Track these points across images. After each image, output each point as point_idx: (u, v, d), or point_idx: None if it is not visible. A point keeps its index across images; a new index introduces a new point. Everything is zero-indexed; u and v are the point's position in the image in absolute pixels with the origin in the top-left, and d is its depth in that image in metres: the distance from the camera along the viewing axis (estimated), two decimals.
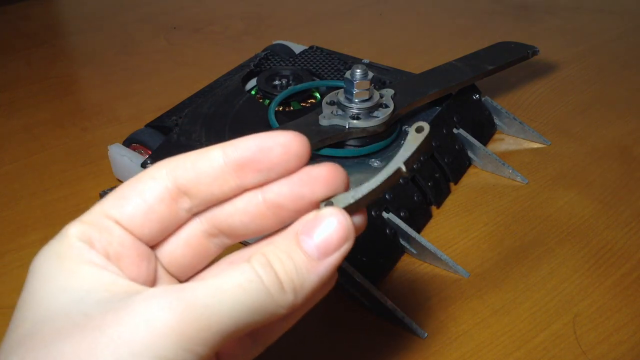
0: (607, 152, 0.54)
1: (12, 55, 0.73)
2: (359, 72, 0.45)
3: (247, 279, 0.21)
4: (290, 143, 0.24)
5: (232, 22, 0.81)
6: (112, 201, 0.24)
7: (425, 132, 0.24)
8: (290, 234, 0.23)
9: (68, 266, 0.22)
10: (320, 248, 0.23)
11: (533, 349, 0.37)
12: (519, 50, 0.58)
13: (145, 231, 0.24)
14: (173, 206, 0.24)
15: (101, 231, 0.23)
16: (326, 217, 0.23)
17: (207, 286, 0.21)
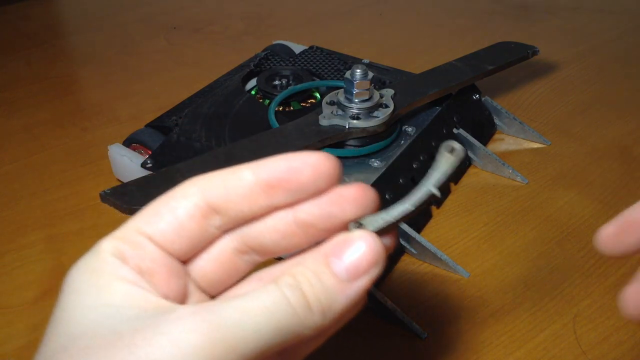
0: (607, 152, 0.54)
1: (12, 55, 0.73)
2: (359, 72, 0.45)
3: (274, 300, 0.21)
4: (320, 164, 0.24)
5: (232, 22, 0.81)
6: (144, 217, 0.24)
7: (458, 153, 0.24)
8: (320, 255, 0.24)
9: (101, 282, 0.22)
10: (350, 270, 0.23)
11: (533, 349, 0.37)
12: (519, 50, 0.58)
13: (176, 247, 0.24)
14: (204, 223, 0.24)
15: (134, 247, 0.23)
16: (356, 240, 0.23)
17: (234, 308, 0.21)
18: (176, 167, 0.41)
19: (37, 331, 0.39)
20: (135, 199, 0.38)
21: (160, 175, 0.41)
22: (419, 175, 0.46)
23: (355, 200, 0.24)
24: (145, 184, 0.40)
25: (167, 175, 0.41)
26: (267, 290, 0.22)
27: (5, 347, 0.38)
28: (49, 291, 0.42)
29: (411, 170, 0.46)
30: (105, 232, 0.49)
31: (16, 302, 0.41)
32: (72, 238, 0.46)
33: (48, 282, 0.43)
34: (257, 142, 0.44)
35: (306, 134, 0.45)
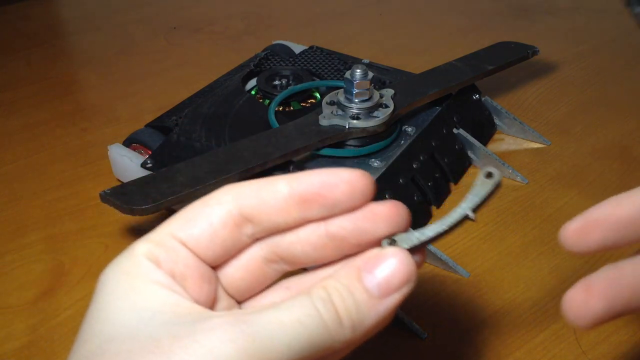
0: (607, 152, 0.54)
1: (12, 55, 0.73)
2: (359, 72, 0.45)
3: (307, 313, 0.22)
4: (356, 181, 0.24)
5: (232, 22, 0.81)
6: (178, 222, 0.24)
7: (496, 178, 0.24)
8: (352, 269, 0.24)
9: (136, 285, 0.23)
10: (382, 287, 0.23)
11: (533, 348, 0.37)
12: (519, 50, 0.58)
13: (209, 253, 0.24)
14: (236, 231, 0.25)
15: (168, 251, 0.24)
16: (389, 257, 0.24)
17: (267, 319, 0.21)
18: (176, 167, 0.41)
19: (37, 331, 0.39)
20: (135, 199, 0.38)
21: (160, 175, 0.41)
22: (419, 175, 0.46)
23: (388, 217, 0.24)
24: (145, 184, 0.40)
25: (167, 175, 0.41)
26: (300, 301, 0.22)
27: (5, 347, 0.38)
28: (49, 291, 0.42)
29: (411, 170, 0.46)
30: (106, 232, 0.50)
31: (16, 302, 0.41)
32: (72, 238, 0.46)
33: (48, 282, 0.43)
34: (257, 142, 0.44)
35: (306, 134, 0.45)
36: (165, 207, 0.40)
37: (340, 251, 0.25)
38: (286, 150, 0.43)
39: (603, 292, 0.24)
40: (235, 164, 0.41)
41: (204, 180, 0.40)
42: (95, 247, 0.45)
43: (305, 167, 0.44)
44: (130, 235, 0.46)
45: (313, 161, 0.46)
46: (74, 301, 0.41)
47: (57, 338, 0.39)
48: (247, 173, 0.41)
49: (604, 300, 0.24)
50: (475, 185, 0.24)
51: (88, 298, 0.41)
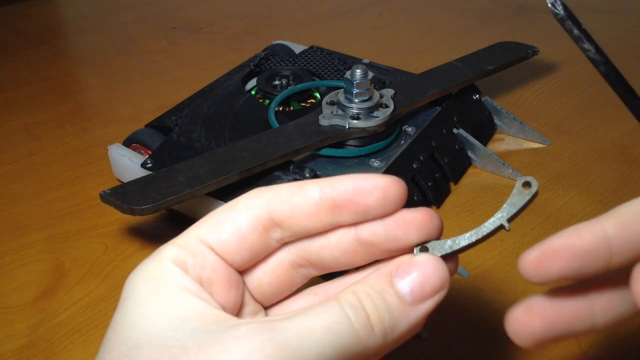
0: (607, 152, 0.54)
1: (12, 55, 0.73)
2: (359, 72, 0.45)
3: (336, 320, 0.21)
4: (389, 187, 0.24)
5: (232, 22, 0.81)
6: (206, 226, 0.24)
7: (533, 189, 0.24)
8: (384, 275, 0.23)
9: (163, 291, 0.22)
10: (415, 293, 0.23)
11: (533, 349, 0.37)
12: (519, 50, 0.58)
13: (237, 258, 0.24)
14: (265, 236, 0.24)
15: (195, 256, 0.23)
16: (423, 263, 0.23)
17: (297, 326, 0.21)
18: (176, 167, 0.41)
19: (37, 331, 0.39)
20: (135, 199, 0.38)
21: (160, 175, 0.41)
22: (419, 175, 0.46)
23: (421, 225, 0.24)
24: (145, 184, 0.40)
25: (167, 175, 0.41)
26: (329, 308, 0.22)
27: (5, 347, 0.38)
28: (49, 291, 0.42)
29: (411, 170, 0.46)
30: (106, 232, 0.50)
31: (16, 302, 0.41)
32: (72, 238, 0.46)
33: (48, 282, 0.43)
34: (258, 142, 0.44)
35: (306, 134, 0.45)
36: (165, 207, 0.40)
37: (370, 257, 0.25)
38: (286, 150, 0.43)
39: (543, 313, 0.24)
40: (235, 164, 0.41)
41: (204, 180, 0.40)
42: (95, 247, 0.45)
43: (305, 167, 0.44)
44: (130, 235, 0.46)
45: (313, 161, 0.46)
46: (74, 301, 0.41)
47: (57, 338, 0.39)
48: (247, 173, 0.41)
49: (543, 322, 0.24)
50: (512, 194, 0.24)
51: (88, 298, 0.41)
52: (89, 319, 0.40)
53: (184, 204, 0.42)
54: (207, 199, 0.43)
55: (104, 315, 0.40)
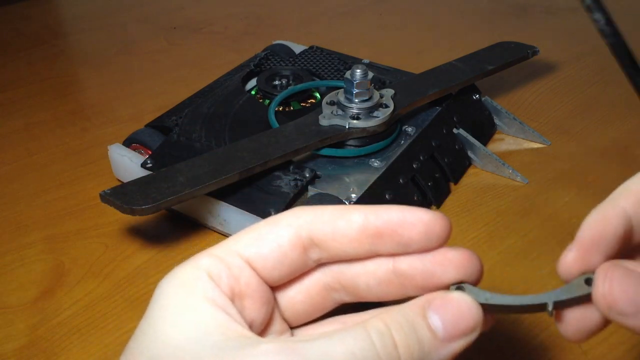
0: (607, 152, 0.54)
1: (12, 55, 0.73)
2: (359, 72, 0.45)
3: (361, 346, 0.21)
4: (434, 223, 0.23)
5: (232, 22, 0.81)
6: (247, 240, 0.24)
7: (592, 290, 0.23)
8: (417, 306, 0.23)
9: (190, 302, 0.22)
10: (448, 329, 0.22)
11: (533, 349, 0.37)
12: (519, 50, 0.58)
13: (274, 274, 0.24)
14: (303, 255, 0.24)
15: (231, 268, 0.23)
16: (459, 300, 0.23)
17: (319, 349, 0.20)
18: (176, 167, 0.41)
19: (37, 331, 0.39)
20: (135, 199, 0.38)
21: (160, 175, 0.41)
22: (419, 175, 0.46)
23: (461, 265, 0.24)
24: (145, 184, 0.40)
25: (167, 175, 0.41)
26: (354, 333, 0.21)
27: (5, 347, 0.38)
28: (49, 291, 0.42)
29: (411, 170, 0.46)
30: (106, 232, 0.50)
31: (16, 302, 0.41)
32: (72, 238, 0.46)
33: (48, 282, 0.43)
34: (257, 142, 0.44)
35: (306, 134, 0.45)
36: (165, 207, 0.40)
37: (403, 290, 0.25)
38: (286, 150, 0.43)
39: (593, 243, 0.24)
40: (235, 164, 0.41)
41: (204, 180, 0.40)
42: (95, 247, 0.45)
43: (305, 167, 0.44)
44: (130, 235, 0.46)
45: (313, 161, 0.46)
46: (74, 301, 0.41)
47: (57, 338, 0.39)
48: (247, 173, 0.41)
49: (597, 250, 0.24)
50: (573, 285, 0.24)
51: (88, 298, 0.41)
52: (89, 319, 0.40)
53: (184, 204, 0.42)
54: (207, 199, 0.43)
55: (104, 316, 0.40)
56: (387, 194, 0.43)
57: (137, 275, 0.43)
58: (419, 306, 0.23)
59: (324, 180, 0.45)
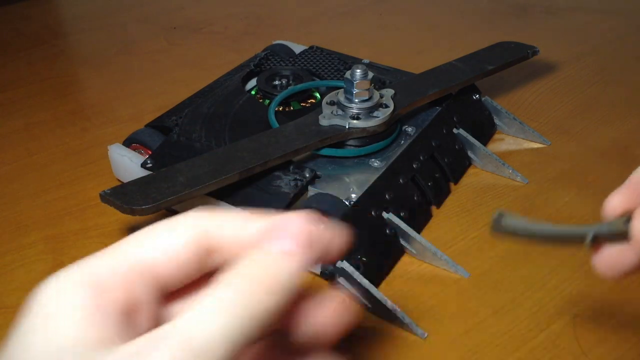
0: (607, 152, 0.54)
1: (12, 55, 0.73)
2: (359, 72, 0.45)
3: (221, 297, 0.20)
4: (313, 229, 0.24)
5: (232, 22, 0.81)
6: (141, 242, 0.23)
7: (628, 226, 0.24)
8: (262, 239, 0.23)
9: (59, 314, 0.21)
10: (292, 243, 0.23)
11: (533, 349, 0.37)
12: (519, 50, 0.58)
13: (169, 279, 0.23)
14: (203, 259, 0.23)
15: (119, 273, 0.22)
16: (293, 217, 0.23)
17: (186, 321, 0.20)
18: (176, 167, 0.41)
19: None
20: (136, 199, 0.38)
21: (160, 175, 0.41)
22: (419, 175, 0.46)
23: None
24: (145, 184, 0.40)
25: (167, 175, 0.41)
26: (215, 288, 0.21)
27: None
28: None
29: (411, 170, 0.46)
30: (106, 232, 0.49)
31: (16, 302, 0.41)
32: (72, 238, 0.46)
33: None
34: (257, 142, 0.44)
35: (306, 134, 0.45)
36: (165, 207, 0.40)
37: None
38: (286, 150, 0.43)
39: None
40: (235, 164, 0.41)
41: (204, 180, 0.40)
42: (95, 247, 0.45)
43: (305, 166, 0.44)
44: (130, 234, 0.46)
45: (313, 161, 0.46)
46: None
47: None
48: (247, 173, 0.41)
49: None
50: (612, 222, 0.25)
51: None
52: None
53: (184, 204, 0.42)
54: (207, 199, 0.43)
55: None
56: (387, 193, 0.43)
57: None
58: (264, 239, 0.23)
59: (324, 180, 0.45)
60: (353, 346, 0.38)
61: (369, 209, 0.42)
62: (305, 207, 0.42)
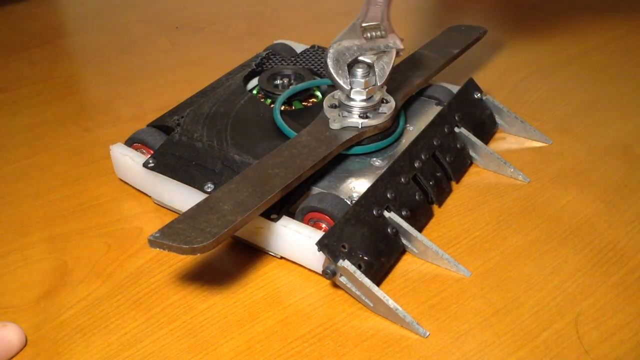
0: (609, 151, 0.54)
1: (15, 55, 0.73)
2: (360, 71, 0.46)
3: None
4: None
5: (233, 22, 0.81)
6: None
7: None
8: None
9: None
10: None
11: (535, 348, 0.37)
12: (472, 32, 0.60)
13: None
14: None
15: None
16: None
17: None
18: (213, 196, 0.39)
19: (39, 331, 0.39)
20: (191, 236, 0.35)
21: (202, 208, 0.38)
22: (421, 174, 0.46)
23: None
24: (192, 219, 0.37)
25: (208, 206, 0.38)
26: None
27: None
28: (52, 291, 0.42)
29: (413, 169, 0.46)
30: (108, 232, 0.50)
31: (18, 301, 0.41)
32: (75, 238, 0.46)
33: (51, 281, 0.43)
34: (282, 157, 0.43)
35: (324, 141, 0.44)
36: (224, 239, 0.36)
37: None
38: (315, 160, 0.42)
39: None
40: (273, 183, 0.40)
41: (251, 205, 0.38)
42: (97, 246, 0.46)
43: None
44: (132, 235, 0.46)
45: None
46: (76, 301, 0.41)
47: (60, 337, 0.39)
48: (287, 190, 0.40)
49: None
50: None
51: (91, 298, 0.42)
52: (92, 319, 0.40)
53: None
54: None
55: (107, 315, 0.40)
56: (389, 192, 0.43)
57: (139, 274, 0.43)
58: None
59: (326, 180, 0.45)
60: (354, 345, 0.38)
61: (371, 207, 0.42)
62: (307, 206, 0.42)
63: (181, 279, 0.43)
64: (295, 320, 0.40)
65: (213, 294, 0.42)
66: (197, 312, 0.40)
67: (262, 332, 0.39)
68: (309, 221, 0.43)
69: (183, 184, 0.45)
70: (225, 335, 0.39)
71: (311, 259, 0.41)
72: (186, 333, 0.39)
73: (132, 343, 0.38)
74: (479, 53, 0.70)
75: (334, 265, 0.39)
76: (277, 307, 0.40)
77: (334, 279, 0.40)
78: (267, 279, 0.43)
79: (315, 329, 0.39)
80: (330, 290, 0.42)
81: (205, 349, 0.38)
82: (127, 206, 0.49)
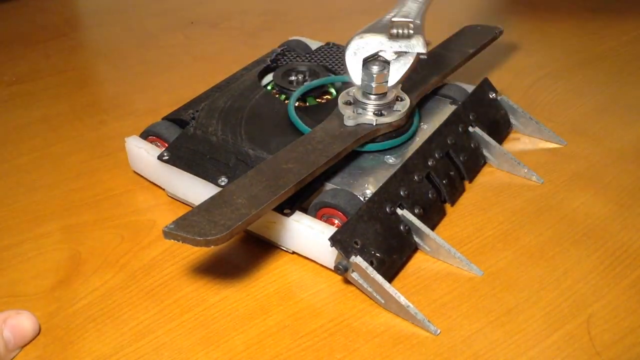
0: (624, 154, 0.54)
1: (31, 47, 0.74)
2: (375, 68, 0.46)
3: None
4: None
5: (249, 18, 0.82)
6: None
7: None
8: None
9: None
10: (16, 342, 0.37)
11: (546, 348, 0.37)
12: (487, 32, 0.60)
13: None
14: None
15: None
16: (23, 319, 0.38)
17: None
18: (226, 189, 0.39)
19: (53, 319, 0.39)
20: (206, 228, 0.35)
21: (216, 201, 0.38)
22: (434, 172, 0.46)
23: None
24: (206, 212, 0.37)
25: (222, 199, 0.38)
26: None
27: None
28: (66, 280, 0.42)
29: (426, 167, 0.46)
30: (122, 224, 0.50)
31: (33, 290, 0.42)
32: (89, 228, 0.47)
33: (64, 271, 0.43)
34: (296, 152, 0.43)
35: (339, 137, 0.44)
36: (237, 232, 0.37)
37: None
38: (329, 155, 0.42)
39: None
40: (287, 178, 0.40)
41: (265, 199, 0.38)
42: (111, 237, 0.46)
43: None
44: (146, 228, 0.47)
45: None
46: (90, 290, 0.42)
47: (73, 327, 0.39)
48: (300, 185, 0.40)
49: None
50: None
51: (104, 288, 0.42)
52: (105, 309, 0.40)
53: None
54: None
55: (119, 305, 0.40)
56: (402, 190, 0.43)
57: (152, 266, 0.43)
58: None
59: (339, 176, 0.45)
60: (364, 342, 0.38)
61: (384, 205, 0.42)
62: (320, 201, 0.42)
63: (194, 272, 0.43)
64: (306, 315, 0.40)
65: (225, 287, 0.42)
66: (209, 305, 0.40)
67: (274, 326, 0.39)
68: (322, 217, 0.43)
69: (197, 177, 0.45)
70: (237, 328, 0.39)
71: (323, 254, 0.41)
72: (198, 325, 0.39)
73: (144, 333, 0.38)
74: (494, 53, 0.69)
75: (346, 261, 0.39)
76: (289, 301, 0.41)
77: (345, 274, 0.40)
78: (279, 273, 0.43)
79: (327, 324, 0.39)
80: (342, 286, 0.42)
81: (217, 341, 0.38)
82: (141, 198, 0.50)
